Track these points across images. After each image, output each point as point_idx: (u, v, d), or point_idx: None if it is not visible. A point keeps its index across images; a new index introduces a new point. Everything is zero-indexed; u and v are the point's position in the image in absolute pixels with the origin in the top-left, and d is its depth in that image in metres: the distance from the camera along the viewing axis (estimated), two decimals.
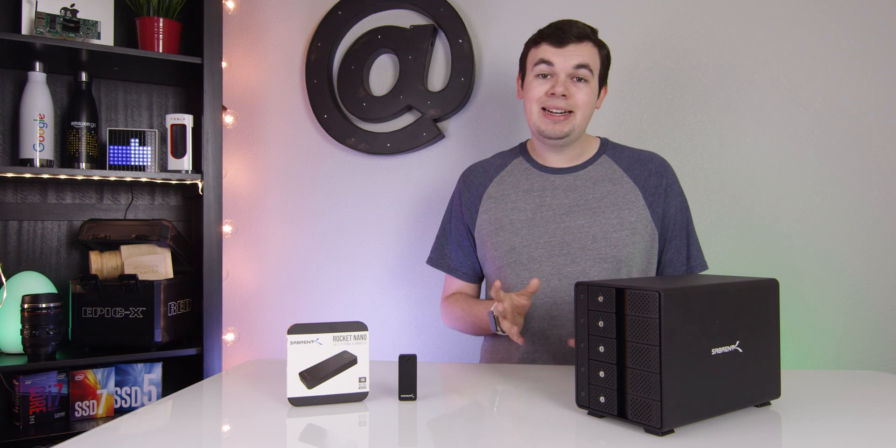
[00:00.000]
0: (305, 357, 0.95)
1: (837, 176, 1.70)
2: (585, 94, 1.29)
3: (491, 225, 1.35)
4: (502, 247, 1.33)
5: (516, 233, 1.32)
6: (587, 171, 1.36)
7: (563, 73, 1.28)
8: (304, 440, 0.81)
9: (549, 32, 1.30)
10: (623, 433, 0.80)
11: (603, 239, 1.28)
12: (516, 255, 1.31)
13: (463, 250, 1.43)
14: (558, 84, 1.27)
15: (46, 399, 1.55)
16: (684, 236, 1.36)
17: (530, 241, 1.31)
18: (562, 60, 1.27)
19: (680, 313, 0.78)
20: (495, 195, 1.38)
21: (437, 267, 1.47)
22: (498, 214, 1.35)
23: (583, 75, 1.28)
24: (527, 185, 1.36)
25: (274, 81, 1.95)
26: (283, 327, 1.93)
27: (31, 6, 1.58)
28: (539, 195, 1.34)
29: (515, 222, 1.33)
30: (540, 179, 1.36)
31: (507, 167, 1.41)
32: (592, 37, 1.31)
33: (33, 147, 1.58)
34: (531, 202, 1.34)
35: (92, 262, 1.63)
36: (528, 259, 1.30)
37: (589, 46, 1.29)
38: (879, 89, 1.69)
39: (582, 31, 1.29)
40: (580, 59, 1.27)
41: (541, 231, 1.31)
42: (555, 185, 1.35)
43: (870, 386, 1.05)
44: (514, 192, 1.36)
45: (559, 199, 1.33)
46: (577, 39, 1.28)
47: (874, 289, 1.69)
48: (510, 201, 1.36)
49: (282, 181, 1.94)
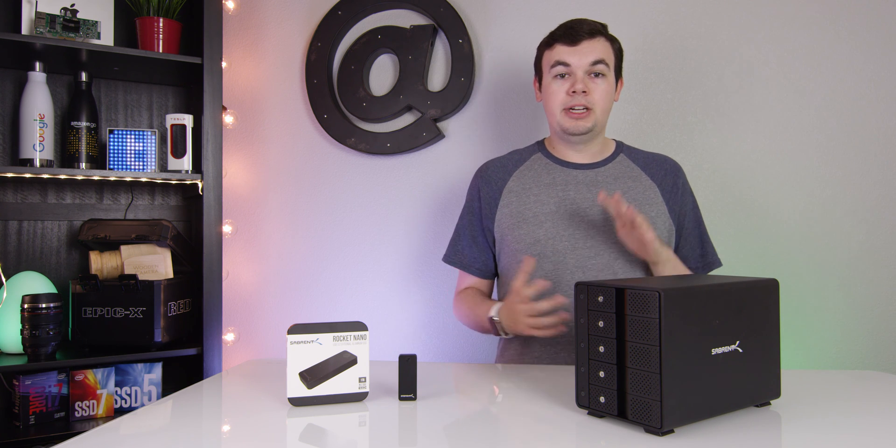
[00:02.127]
0: (305, 357, 0.95)
1: (837, 176, 1.70)
2: (604, 89, 1.31)
3: (512, 218, 1.35)
4: (526, 239, 1.32)
5: (540, 225, 1.32)
6: (607, 168, 1.37)
7: (580, 70, 1.29)
8: (304, 440, 0.81)
9: (560, 33, 1.32)
10: (623, 433, 0.80)
11: None
12: (541, 247, 1.30)
13: (478, 246, 1.43)
14: (577, 82, 1.29)
15: (46, 399, 1.55)
16: (698, 234, 1.38)
17: (554, 234, 1.30)
18: (577, 59, 1.29)
19: (680, 313, 0.78)
20: (516, 189, 1.38)
21: (450, 263, 1.47)
22: (520, 208, 1.35)
23: (600, 71, 1.30)
24: (549, 179, 1.36)
25: (274, 81, 1.95)
26: (283, 327, 1.93)
27: (31, 6, 1.58)
28: (562, 189, 1.34)
29: (539, 215, 1.33)
30: (562, 174, 1.37)
31: (527, 162, 1.41)
32: (604, 32, 1.32)
33: (33, 147, 1.58)
34: (554, 196, 1.34)
35: (92, 262, 1.63)
36: (553, 251, 1.30)
37: (602, 41, 1.31)
38: (879, 89, 1.69)
39: (593, 27, 1.30)
40: (595, 55, 1.29)
41: (565, 224, 1.31)
42: (577, 180, 1.35)
43: (870, 386, 1.05)
44: (536, 185, 1.36)
45: (582, 194, 1.33)
46: (590, 35, 1.29)
47: (874, 289, 1.69)
48: (532, 194, 1.35)
49: (282, 181, 1.94)
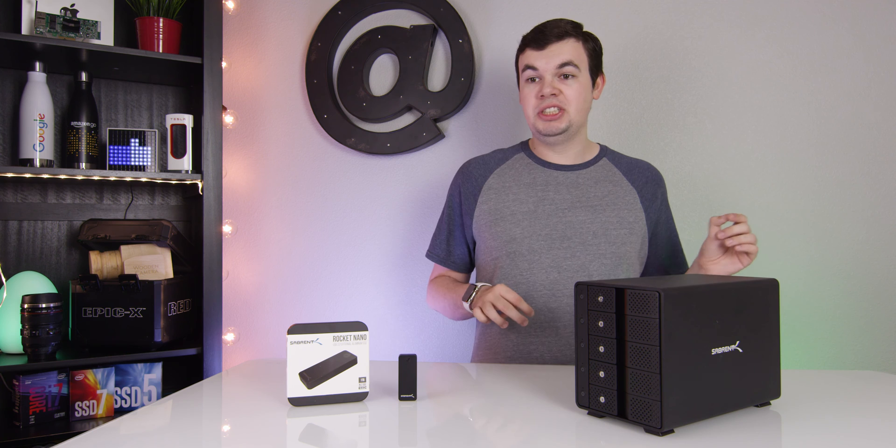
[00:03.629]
0: (305, 357, 0.95)
1: (837, 176, 1.70)
2: (574, 90, 1.32)
3: (490, 215, 1.36)
4: (502, 237, 1.33)
5: (517, 223, 1.33)
6: (589, 170, 1.38)
7: (548, 74, 1.31)
8: (304, 440, 0.81)
9: (531, 37, 1.34)
10: (623, 433, 0.80)
11: (603, 235, 1.30)
12: (516, 245, 1.32)
13: (455, 240, 1.46)
14: (546, 85, 1.31)
15: (46, 399, 1.55)
16: (673, 243, 1.43)
17: (531, 233, 1.32)
18: (544, 62, 1.31)
19: (680, 313, 0.78)
20: (496, 186, 1.39)
21: (430, 258, 1.49)
22: (498, 205, 1.36)
23: (568, 72, 1.31)
24: (529, 178, 1.38)
25: (274, 81, 1.95)
26: (283, 327, 1.93)
27: (31, 6, 1.58)
28: (542, 189, 1.36)
29: (517, 213, 1.34)
30: (542, 174, 1.38)
31: (509, 161, 1.43)
32: (574, 32, 1.32)
33: (33, 147, 1.58)
34: (533, 195, 1.35)
35: (92, 262, 1.63)
36: (528, 250, 1.31)
37: (571, 43, 1.31)
38: (879, 89, 1.69)
39: (562, 29, 1.31)
40: (562, 58, 1.30)
41: (542, 223, 1.32)
42: (557, 181, 1.37)
43: (870, 386, 1.05)
44: (516, 184, 1.38)
45: (561, 195, 1.34)
46: (558, 38, 1.30)
47: (874, 289, 1.69)
48: (511, 193, 1.37)
49: (282, 181, 1.94)
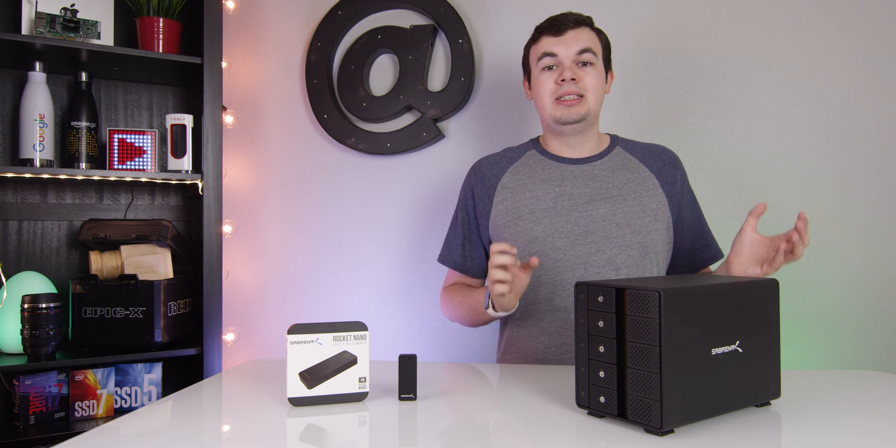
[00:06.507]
0: (305, 357, 0.95)
1: (837, 176, 1.70)
2: (593, 77, 1.30)
3: (508, 215, 1.33)
4: (524, 237, 1.30)
5: (537, 222, 1.30)
6: (604, 161, 1.35)
7: (567, 59, 1.29)
8: (304, 440, 0.81)
9: (545, 25, 1.33)
10: (623, 433, 0.80)
11: (627, 226, 1.27)
12: (539, 244, 1.28)
13: (471, 245, 1.41)
14: (566, 70, 1.29)
15: (46, 399, 1.55)
16: (700, 224, 1.38)
17: (553, 231, 1.28)
18: (564, 48, 1.29)
19: (680, 313, 0.78)
20: (511, 185, 1.36)
21: (444, 263, 1.45)
22: (515, 204, 1.33)
23: (587, 59, 1.30)
24: (544, 174, 1.35)
25: (274, 81, 1.95)
26: (283, 327, 1.93)
27: (31, 6, 1.58)
28: (558, 184, 1.33)
29: (536, 211, 1.31)
30: (557, 169, 1.35)
31: (521, 159, 1.40)
32: (589, 23, 1.33)
33: (33, 147, 1.58)
34: (550, 191, 1.32)
35: (92, 262, 1.63)
36: (552, 249, 1.28)
37: (587, 31, 1.31)
38: (880, 89, 1.69)
39: (578, 17, 1.31)
40: (582, 43, 1.29)
41: (563, 220, 1.29)
42: (573, 175, 1.34)
43: (870, 386, 1.05)
44: (532, 181, 1.35)
45: (579, 189, 1.32)
46: (575, 25, 1.30)
47: (874, 289, 1.69)
48: (528, 190, 1.34)
49: (282, 181, 1.94)
